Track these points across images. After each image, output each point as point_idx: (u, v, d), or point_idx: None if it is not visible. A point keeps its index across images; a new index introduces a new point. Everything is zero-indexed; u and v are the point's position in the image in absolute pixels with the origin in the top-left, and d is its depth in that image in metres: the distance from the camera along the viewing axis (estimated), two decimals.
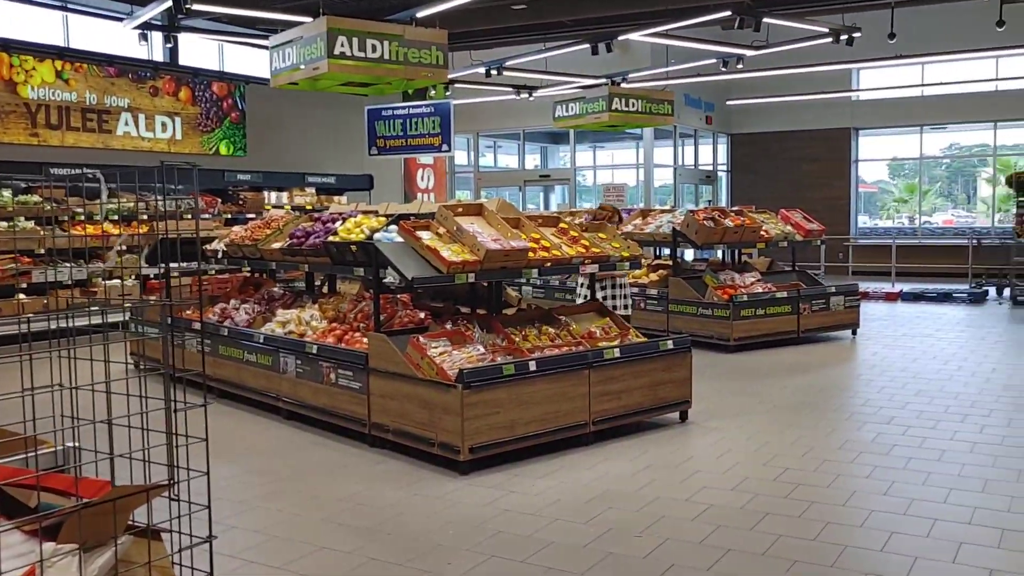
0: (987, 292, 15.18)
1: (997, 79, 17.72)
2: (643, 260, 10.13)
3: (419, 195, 16.17)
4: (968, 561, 4.13)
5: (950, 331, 11.52)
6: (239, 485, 5.45)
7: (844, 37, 12.25)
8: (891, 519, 4.71)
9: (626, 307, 8.34)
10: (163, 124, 13.90)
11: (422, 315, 6.85)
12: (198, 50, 15.02)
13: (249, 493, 5.30)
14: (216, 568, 2.44)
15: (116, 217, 11.66)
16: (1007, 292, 14.85)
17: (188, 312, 8.18)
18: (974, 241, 17.14)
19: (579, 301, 7.80)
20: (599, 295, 6.47)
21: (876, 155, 21.03)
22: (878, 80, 19.70)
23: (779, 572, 4.05)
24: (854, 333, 11.06)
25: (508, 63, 14.35)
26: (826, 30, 12.19)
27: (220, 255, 8.46)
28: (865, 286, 14.69)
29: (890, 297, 15.13)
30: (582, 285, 8.27)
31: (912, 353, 9.81)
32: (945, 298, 14.71)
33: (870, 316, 12.54)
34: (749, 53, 13.61)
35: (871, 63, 17.00)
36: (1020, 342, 10.59)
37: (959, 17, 16.29)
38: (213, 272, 10.77)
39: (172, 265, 7.38)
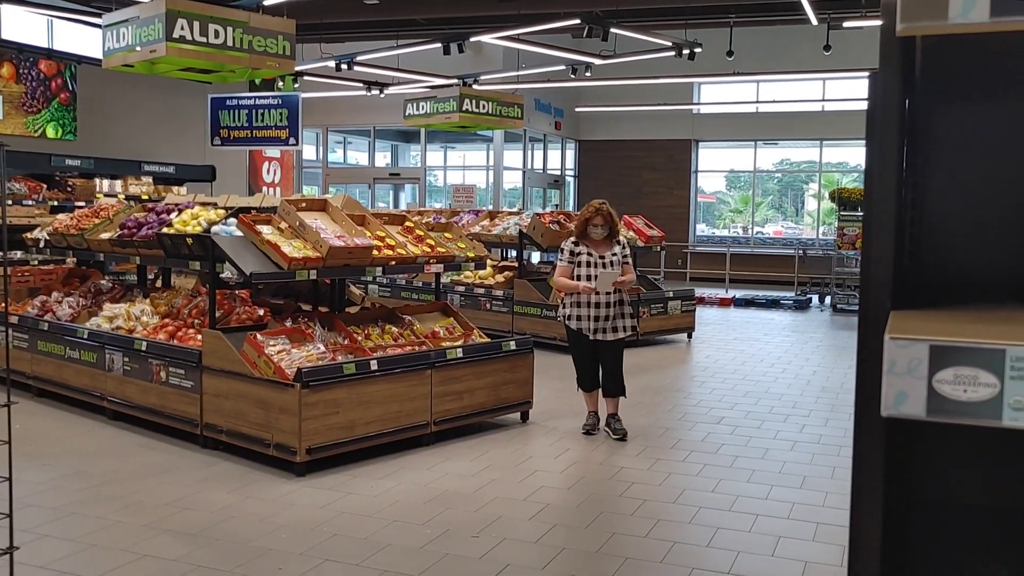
0: (811, 299, 16.15)
1: (824, 100, 18.88)
2: (489, 261, 10.20)
3: (264, 189, 15.70)
4: (786, 554, 4.36)
5: (777, 335, 12.18)
6: (54, 490, 5.11)
7: (686, 52, 12.74)
8: (717, 515, 4.91)
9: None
10: None
11: (261, 312, 6.63)
12: (24, 24, 14.02)
13: (65, 499, 4.97)
14: None
15: None
16: (828, 300, 15.85)
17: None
18: (800, 251, 18.21)
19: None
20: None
21: (714, 167, 22.01)
22: (717, 95, 20.63)
23: (611, 569, 4.14)
24: (690, 336, 11.51)
25: (359, 58, 14.12)
26: (670, 44, 12.63)
27: (43, 244, 7.92)
28: (701, 291, 15.34)
29: (724, 302, 15.86)
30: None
31: (742, 356, 10.30)
32: (773, 304, 15.54)
33: (705, 320, 13.09)
34: (597, 62, 13.94)
35: (711, 78, 17.76)
36: (838, 347, 11.32)
37: (791, 40, 17.27)
38: (35, 263, 10.07)
39: None
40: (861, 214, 13.58)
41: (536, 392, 7.03)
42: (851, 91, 17.68)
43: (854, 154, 21.07)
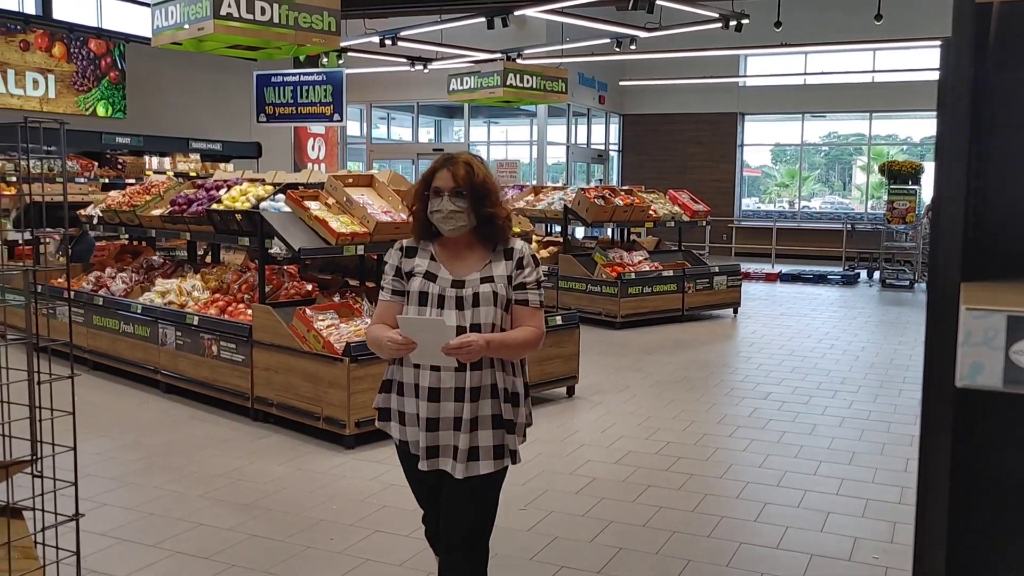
0: (859, 274, 15.92)
1: (874, 71, 18.49)
2: (534, 236, 10.19)
3: (309, 165, 15.80)
4: (835, 530, 4.34)
5: (824, 311, 12.03)
6: (112, 461, 5.24)
7: (733, 23, 12.55)
8: (765, 490, 4.89)
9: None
10: (35, 81, 13.12)
11: (309, 287, 6.71)
12: (74, 4, 14.22)
13: (123, 469, 5.10)
14: (84, 547, 2.33)
15: None
16: (877, 275, 15.60)
17: (60, 280, 7.79)
18: (848, 226, 17.93)
19: None
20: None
21: (760, 140, 21.70)
22: (764, 67, 20.30)
23: (659, 543, 4.15)
24: (735, 312, 11.43)
25: (403, 33, 14.12)
26: (716, 15, 12.45)
27: (96, 221, 8.07)
28: (747, 267, 15.19)
29: (770, 278, 15.69)
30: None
31: (789, 332, 10.20)
32: (820, 279, 15.34)
33: (751, 296, 12.98)
34: (642, 35, 13.79)
35: (758, 50, 17.49)
36: (887, 322, 11.15)
37: (841, 10, 16.93)
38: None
39: (40, 230, 6.99)
40: (912, 187, 13.34)
41: (581, 367, 7.03)
42: (903, 62, 17.29)
43: (904, 126, 20.64)
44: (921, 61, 17.34)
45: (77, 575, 2.30)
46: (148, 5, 8.71)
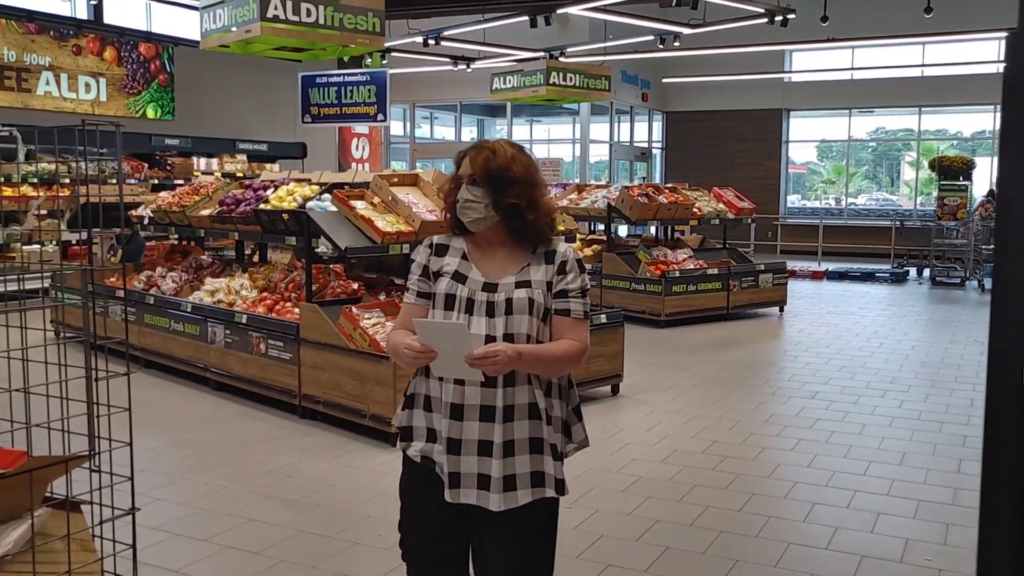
0: (908, 272, 15.64)
1: (923, 65, 18.16)
2: (577, 235, 10.17)
3: (353, 165, 15.93)
4: (886, 531, 4.27)
5: (872, 309, 11.84)
6: (164, 457, 5.34)
7: (779, 18, 12.39)
8: (814, 491, 4.84)
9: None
10: (87, 85, 13.41)
11: (355, 286, 6.76)
12: (124, 9, 14.50)
13: (174, 465, 5.19)
14: (139, 541, 2.38)
15: (36, 180, 11.24)
16: (927, 272, 15.32)
17: (112, 279, 7.94)
18: (897, 223, 17.62)
19: None
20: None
21: (806, 136, 21.42)
22: (810, 63, 20.03)
23: (706, 542, 4.12)
24: (781, 310, 11.30)
25: (446, 33, 14.17)
26: (762, 11, 12.31)
27: (146, 221, 8.22)
28: (793, 264, 15.01)
29: (816, 276, 15.49)
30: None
31: (836, 330, 10.06)
32: (868, 277, 15.10)
33: (797, 294, 12.82)
34: (686, 31, 13.67)
35: (804, 45, 17.25)
36: (938, 321, 10.95)
37: (889, 3, 16.64)
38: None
39: (95, 231, 7.15)
40: (963, 183, 13.07)
41: (626, 366, 7.01)
42: (954, 55, 16.95)
43: (955, 121, 20.25)
44: (973, 54, 16.99)
45: (134, 567, 2.34)
46: (196, 8, 8.85)
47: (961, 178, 14.80)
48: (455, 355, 2.27)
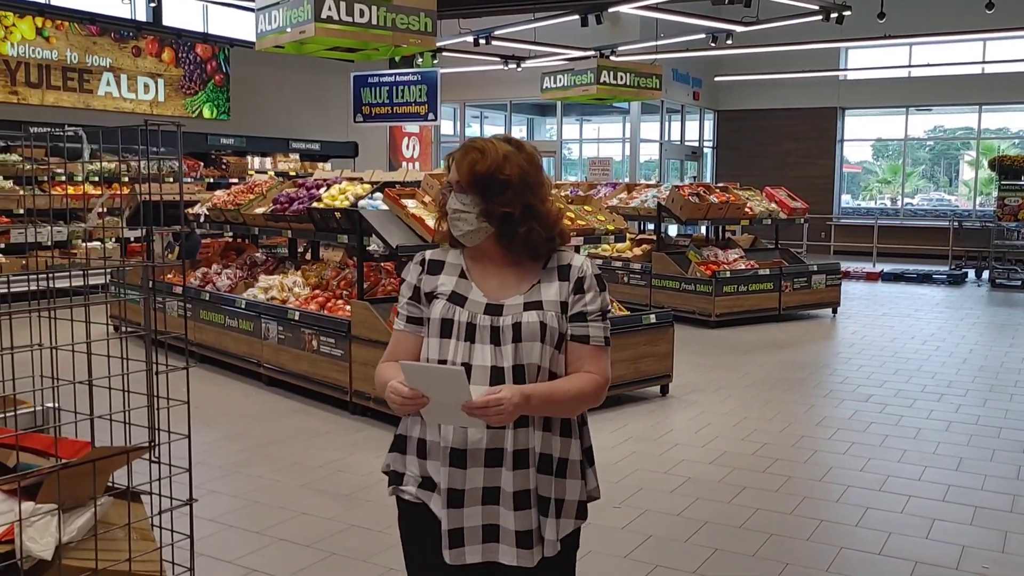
0: (966, 274, 15.30)
1: (984, 62, 17.73)
2: (627, 234, 10.14)
3: (404, 164, 16.06)
4: (941, 537, 4.19)
5: (929, 312, 11.61)
6: (219, 450, 5.44)
7: (834, 15, 12.21)
8: (867, 495, 4.76)
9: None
10: (145, 85, 13.70)
11: None
12: (182, 10, 14.78)
13: (229, 458, 5.29)
14: (196, 531, 2.43)
15: (97, 178, 11.52)
16: (986, 274, 14.97)
17: (170, 276, 8.11)
18: (955, 223, 17.24)
19: None
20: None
21: (861, 135, 21.05)
22: (865, 60, 19.67)
23: (756, 545, 4.09)
24: (834, 312, 11.13)
25: (497, 32, 14.22)
26: (816, 8, 12.14)
27: (202, 219, 8.38)
28: (846, 265, 14.77)
29: (871, 277, 15.22)
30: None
31: (891, 333, 9.89)
32: (925, 279, 14.81)
33: (851, 295, 12.62)
34: (739, 29, 13.54)
35: (859, 43, 16.95)
36: (997, 324, 10.70)
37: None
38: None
39: (155, 228, 7.30)
40: None
41: (676, 366, 6.97)
42: (1016, 51, 16.53)
43: (1017, 119, 19.75)
44: None
45: (191, 557, 2.40)
46: (252, 10, 9.00)
47: (1023, 178, 14.44)
48: (451, 402, 1.91)
